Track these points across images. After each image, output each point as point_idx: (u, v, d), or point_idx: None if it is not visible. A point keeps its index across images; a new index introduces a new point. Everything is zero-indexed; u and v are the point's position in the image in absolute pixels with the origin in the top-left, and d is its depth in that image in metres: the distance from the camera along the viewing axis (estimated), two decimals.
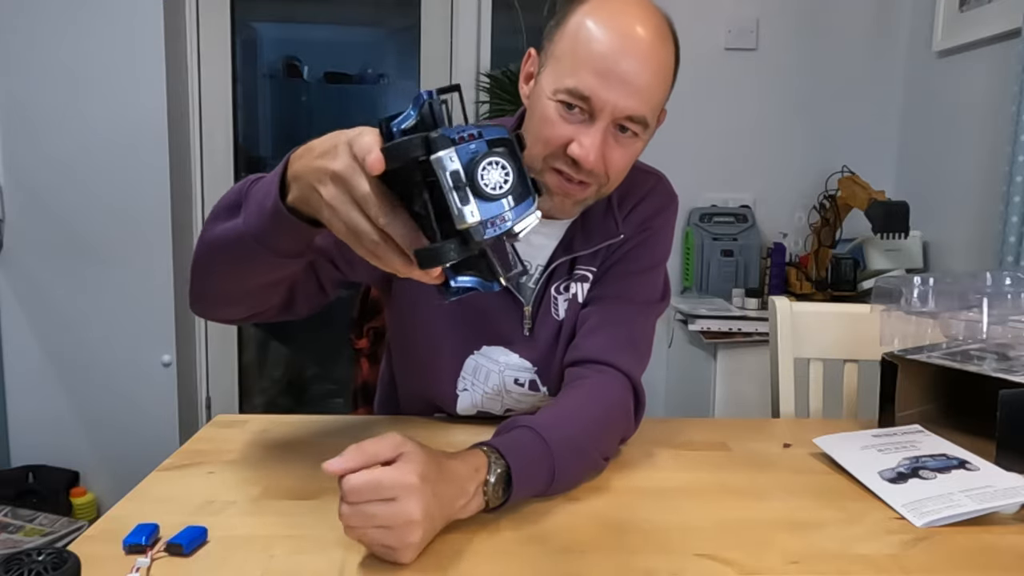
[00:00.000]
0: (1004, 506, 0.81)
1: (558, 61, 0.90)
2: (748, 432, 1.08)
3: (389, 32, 3.19)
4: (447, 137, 0.59)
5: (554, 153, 0.91)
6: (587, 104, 0.88)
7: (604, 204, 1.04)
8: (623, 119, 0.89)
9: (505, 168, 0.60)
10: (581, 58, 0.88)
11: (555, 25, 0.93)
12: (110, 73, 2.35)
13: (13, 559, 0.57)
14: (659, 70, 0.90)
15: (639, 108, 0.88)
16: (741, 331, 2.11)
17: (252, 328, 2.92)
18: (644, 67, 0.88)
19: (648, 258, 1.08)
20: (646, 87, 0.88)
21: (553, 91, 0.89)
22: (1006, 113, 1.86)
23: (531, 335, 1.05)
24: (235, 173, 2.68)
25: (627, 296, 1.05)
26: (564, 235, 1.05)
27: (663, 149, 2.49)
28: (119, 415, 2.48)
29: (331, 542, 0.73)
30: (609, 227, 1.04)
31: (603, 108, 0.87)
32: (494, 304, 1.03)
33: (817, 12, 2.53)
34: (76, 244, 2.41)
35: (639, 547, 0.74)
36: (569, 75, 0.88)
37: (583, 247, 1.03)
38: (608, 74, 0.86)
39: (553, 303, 1.05)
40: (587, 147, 0.88)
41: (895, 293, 1.11)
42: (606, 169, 0.91)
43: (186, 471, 0.90)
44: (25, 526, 2.19)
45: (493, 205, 0.60)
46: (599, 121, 0.88)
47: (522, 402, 1.08)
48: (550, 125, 0.90)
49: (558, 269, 1.05)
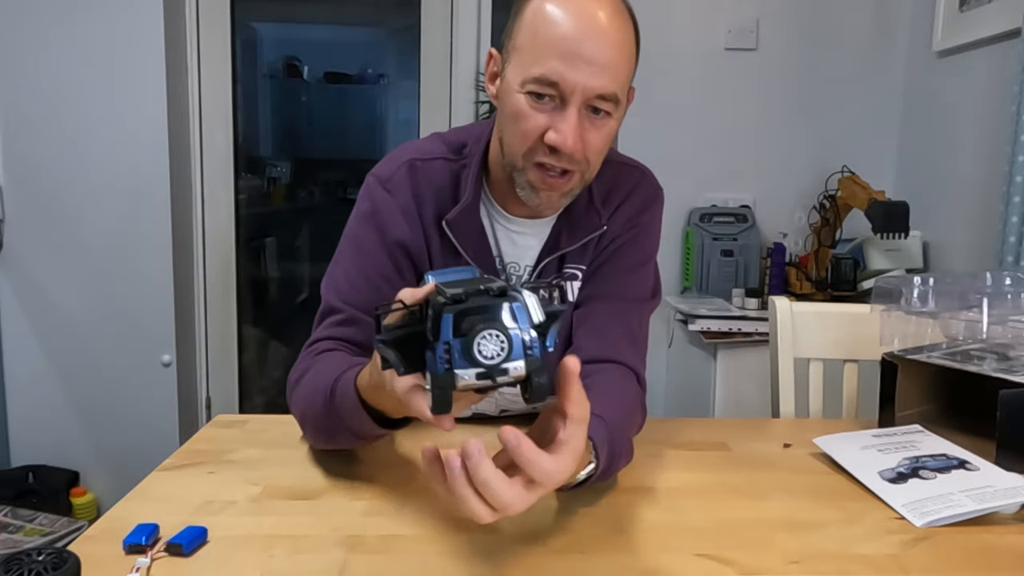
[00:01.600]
0: (1004, 506, 0.81)
1: (520, 53, 0.90)
2: (748, 432, 1.08)
3: (389, 32, 3.19)
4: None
5: (533, 147, 0.91)
6: (556, 90, 0.87)
7: (585, 198, 1.04)
8: (594, 99, 0.88)
9: (501, 338, 0.59)
10: (543, 45, 0.87)
11: (512, 19, 0.93)
12: (110, 73, 2.35)
13: (13, 559, 0.57)
14: (622, 46, 0.89)
15: (608, 86, 0.88)
16: (741, 331, 2.11)
17: (252, 328, 2.93)
18: (607, 45, 0.87)
19: (639, 254, 1.08)
20: (611, 64, 0.88)
21: (521, 83, 0.89)
22: (1006, 113, 1.86)
23: None
24: (235, 173, 2.68)
25: (621, 294, 1.06)
26: (550, 234, 1.05)
27: (663, 149, 2.51)
28: (119, 415, 2.48)
29: (331, 542, 0.73)
30: (592, 220, 1.04)
31: (573, 91, 0.87)
32: None
33: (817, 12, 2.52)
34: (76, 244, 2.41)
35: (639, 547, 0.74)
36: (534, 64, 0.88)
37: (569, 243, 1.04)
38: (572, 56, 0.86)
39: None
40: (564, 132, 0.88)
41: (895, 293, 1.11)
42: (585, 153, 0.91)
43: (186, 471, 0.90)
44: (25, 526, 2.19)
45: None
46: (571, 105, 0.88)
47: (516, 402, 1.09)
48: (524, 118, 0.90)
49: (546, 268, 1.05)
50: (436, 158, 1.03)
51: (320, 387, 0.86)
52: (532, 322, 0.60)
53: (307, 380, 0.92)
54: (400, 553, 0.72)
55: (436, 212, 1.02)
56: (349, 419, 0.82)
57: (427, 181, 1.02)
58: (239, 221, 2.71)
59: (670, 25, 2.48)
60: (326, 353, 0.96)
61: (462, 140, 1.05)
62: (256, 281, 3.04)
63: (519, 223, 1.04)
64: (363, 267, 1.01)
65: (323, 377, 0.87)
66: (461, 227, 1.01)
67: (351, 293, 1.01)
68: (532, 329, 0.60)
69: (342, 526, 0.76)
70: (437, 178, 1.02)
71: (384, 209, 1.01)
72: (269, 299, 3.17)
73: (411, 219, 1.01)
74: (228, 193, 2.67)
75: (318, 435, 0.92)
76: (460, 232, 1.01)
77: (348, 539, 0.74)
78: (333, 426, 0.85)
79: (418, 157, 1.03)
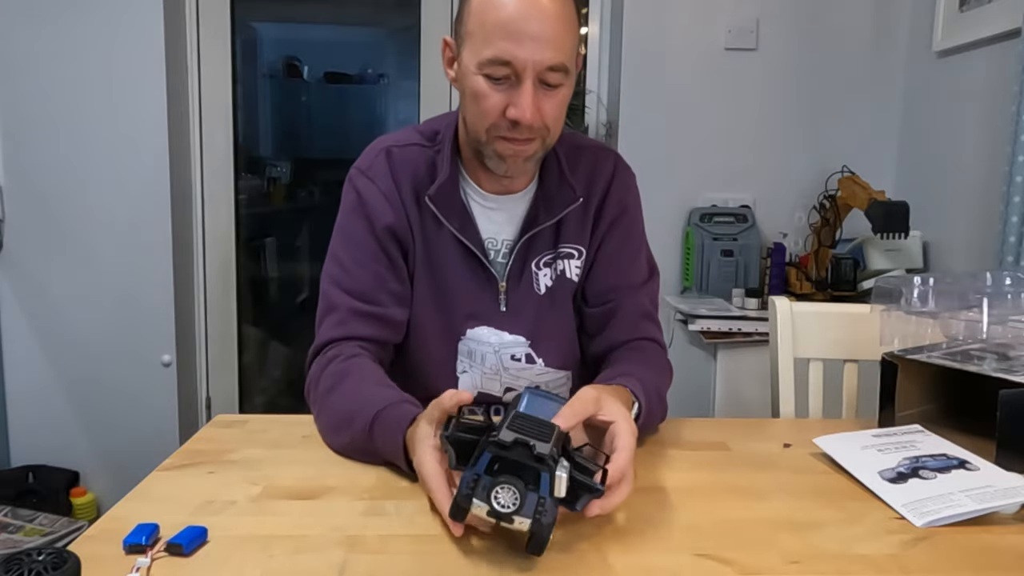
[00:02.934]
0: (1004, 506, 0.81)
1: (472, 38, 0.97)
2: (748, 432, 1.08)
3: (389, 32, 3.19)
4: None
5: (495, 122, 0.98)
6: (510, 68, 0.95)
7: (557, 174, 1.11)
8: (545, 72, 0.96)
9: (515, 495, 0.68)
10: (491, 29, 0.95)
11: (462, 7, 1.01)
12: (110, 73, 2.36)
13: (13, 559, 0.57)
14: (564, 18, 0.96)
15: (556, 57, 0.95)
16: (741, 331, 2.11)
17: (252, 328, 2.93)
18: (549, 19, 0.95)
19: (636, 238, 1.17)
20: (556, 36, 0.95)
21: (476, 66, 0.97)
22: (1006, 113, 1.86)
23: (507, 311, 1.11)
24: (235, 173, 2.68)
25: (629, 283, 1.15)
26: (528, 211, 1.11)
27: (663, 149, 2.51)
28: (119, 415, 2.48)
29: (331, 542, 0.73)
30: (566, 194, 1.11)
31: (525, 67, 0.94)
32: (467, 283, 1.10)
33: (817, 12, 2.52)
34: (76, 244, 2.41)
35: (639, 547, 0.74)
36: (485, 47, 0.95)
37: (547, 218, 1.10)
38: (520, 35, 0.94)
39: (534, 278, 1.12)
40: (522, 106, 0.96)
41: (895, 293, 1.11)
42: (544, 120, 0.98)
43: (186, 471, 0.90)
44: (25, 526, 2.19)
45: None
46: (525, 80, 0.95)
47: (520, 377, 1.13)
48: (484, 98, 0.98)
49: (534, 244, 1.11)
50: (411, 144, 1.11)
51: (358, 413, 0.92)
52: (553, 493, 0.68)
53: (342, 395, 0.97)
54: (400, 553, 0.72)
55: (415, 193, 1.08)
56: (385, 453, 0.89)
57: (404, 165, 1.09)
58: (239, 221, 2.71)
59: (670, 25, 2.48)
60: (355, 360, 1.01)
61: (435, 128, 1.12)
62: (256, 281, 3.04)
63: (492, 199, 1.11)
64: (357, 256, 1.07)
65: (361, 403, 0.93)
66: (443, 203, 1.08)
67: (351, 283, 1.07)
68: (550, 497, 0.68)
69: (342, 526, 0.76)
70: (414, 162, 1.10)
71: (368, 197, 1.08)
72: (269, 299, 3.17)
73: (394, 203, 1.08)
74: (228, 193, 2.67)
75: (345, 449, 0.95)
76: (443, 207, 1.08)
77: (348, 539, 0.74)
78: (367, 449, 0.92)
79: (393, 144, 1.11)
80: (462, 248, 1.09)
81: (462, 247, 1.09)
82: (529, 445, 0.69)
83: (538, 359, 1.14)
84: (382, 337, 1.08)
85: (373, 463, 0.91)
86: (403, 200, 1.08)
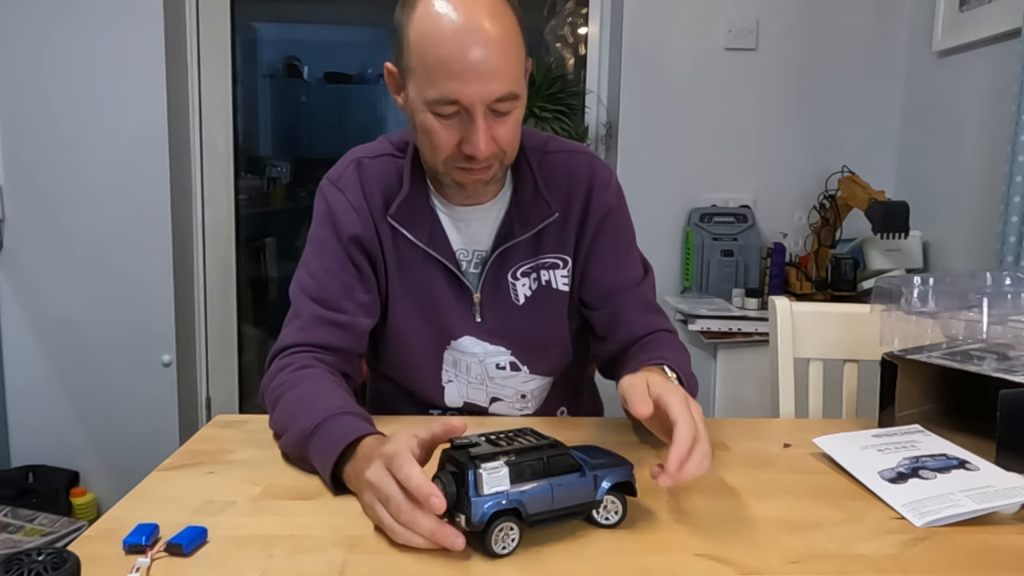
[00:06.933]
0: (1004, 506, 0.81)
1: (415, 74, 0.94)
2: (748, 432, 1.08)
3: (389, 32, 3.19)
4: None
5: (450, 156, 0.97)
6: (458, 105, 0.92)
7: (531, 187, 1.09)
8: (495, 103, 0.93)
9: (441, 483, 0.71)
10: (432, 67, 0.91)
11: (400, 37, 0.96)
12: (110, 73, 2.36)
13: (13, 559, 0.57)
14: (506, 42, 0.92)
15: (504, 87, 0.92)
16: (741, 331, 2.11)
17: (252, 328, 2.93)
18: (492, 48, 0.91)
19: (626, 239, 1.17)
20: (500, 66, 0.91)
21: (424, 103, 0.94)
22: (1006, 113, 1.86)
23: (482, 321, 1.10)
24: (235, 173, 2.68)
25: (627, 282, 1.15)
26: (502, 222, 1.09)
27: (664, 149, 2.51)
28: (119, 415, 2.48)
29: (331, 542, 0.73)
30: (541, 208, 1.09)
31: (472, 103, 0.92)
32: (444, 294, 1.09)
33: (817, 12, 2.52)
34: (76, 244, 2.41)
35: (639, 547, 0.74)
36: (429, 86, 0.92)
37: (522, 232, 1.09)
38: (463, 73, 0.90)
39: (511, 289, 1.11)
40: (476, 142, 0.93)
41: (895, 293, 1.11)
42: (499, 146, 0.97)
43: (186, 471, 0.90)
44: (25, 526, 2.19)
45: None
46: (476, 115, 0.92)
47: (505, 386, 1.13)
48: (436, 134, 0.95)
49: (510, 255, 1.09)
50: (382, 155, 1.10)
51: (299, 424, 0.90)
52: (477, 492, 0.70)
53: (287, 404, 0.96)
54: (400, 553, 0.72)
55: (385, 205, 1.07)
56: (316, 465, 0.87)
57: (374, 177, 1.08)
58: (239, 221, 2.71)
59: (670, 25, 2.48)
60: (305, 371, 1.00)
61: (404, 139, 1.11)
62: (256, 281, 3.04)
63: (461, 211, 1.10)
64: (325, 264, 1.07)
65: (304, 414, 0.90)
66: (408, 218, 1.06)
67: (317, 290, 1.06)
68: (479, 497, 0.70)
69: (342, 526, 0.76)
70: (384, 173, 1.09)
71: (337, 207, 1.07)
72: (269, 299, 3.17)
73: (362, 213, 1.07)
74: (228, 193, 2.67)
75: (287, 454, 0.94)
76: (408, 223, 1.06)
77: (348, 539, 0.74)
78: (301, 457, 0.90)
79: (365, 155, 1.10)
80: (432, 260, 1.08)
81: (432, 259, 1.08)
82: (472, 445, 0.73)
83: (523, 367, 1.14)
84: (344, 345, 1.06)
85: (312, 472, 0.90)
86: (372, 211, 1.07)
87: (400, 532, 0.71)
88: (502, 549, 0.70)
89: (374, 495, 0.74)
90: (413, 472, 0.71)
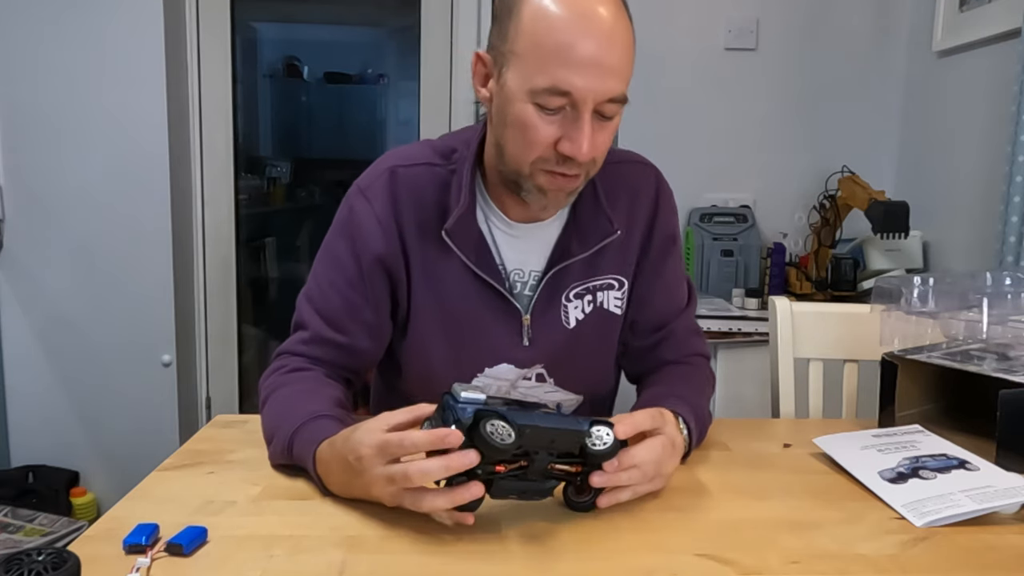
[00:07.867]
0: (1004, 506, 0.81)
1: (523, 60, 0.85)
2: (748, 432, 1.08)
3: (389, 32, 3.19)
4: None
5: (543, 156, 0.89)
6: (568, 99, 0.84)
7: (591, 201, 1.02)
8: (604, 103, 0.86)
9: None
10: (548, 52, 0.83)
11: (506, 20, 0.88)
12: (110, 73, 2.35)
13: (13, 559, 0.57)
14: (626, 42, 0.86)
15: (618, 87, 0.85)
16: (741, 331, 2.11)
17: (252, 328, 2.93)
18: (613, 45, 0.84)
19: (678, 264, 1.13)
20: (620, 64, 0.85)
21: (526, 93, 0.86)
22: (1006, 113, 1.86)
23: (529, 345, 1.03)
24: (235, 173, 2.68)
25: (677, 305, 1.12)
26: (558, 239, 1.03)
27: (663, 149, 2.49)
28: (119, 415, 2.48)
29: (331, 542, 0.73)
30: (603, 225, 1.02)
31: (585, 98, 0.84)
32: (484, 317, 1.02)
33: (817, 12, 2.52)
34: (76, 244, 2.41)
35: (639, 547, 0.74)
36: (540, 73, 0.84)
37: (581, 250, 1.02)
38: (582, 63, 0.83)
39: (562, 311, 1.04)
40: (579, 142, 0.85)
41: (895, 293, 1.11)
42: (594, 155, 0.89)
43: (186, 471, 0.90)
44: (25, 526, 2.19)
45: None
46: (584, 112, 0.85)
47: (528, 396, 1.07)
48: (532, 129, 0.87)
49: (564, 276, 1.03)
50: (419, 164, 1.01)
51: (284, 425, 0.89)
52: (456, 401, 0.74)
53: (276, 402, 0.95)
54: (400, 553, 0.72)
55: (417, 220, 0.99)
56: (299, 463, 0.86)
57: (409, 187, 1.00)
58: (239, 221, 2.71)
59: (670, 25, 2.48)
60: (297, 373, 0.99)
61: (451, 145, 1.02)
62: (256, 281, 3.04)
63: (519, 228, 1.02)
64: (334, 278, 1.01)
65: (289, 415, 0.90)
66: (460, 234, 0.99)
67: (322, 304, 1.01)
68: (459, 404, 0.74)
69: (342, 526, 0.76)
70: (421, 185, 1.00)
71: (361, 218, 1.00)
72: (269, 299, 3.17)
73: (388, 230, 0.99)
74: (228, 193, 2.67)
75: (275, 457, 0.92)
76: (459, 240, 0.99)
77: (348, 539, 0.74)
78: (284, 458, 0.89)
79: (400, 164, 1.01)
80: (478, 280, 1.00)
81: (478, 279, 1.00)
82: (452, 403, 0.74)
83: (549, 379, 1.07)
84: (342, 363, 1.02)
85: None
86: (401, 226, 0.99)
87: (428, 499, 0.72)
88: (501, 441, 0.70)
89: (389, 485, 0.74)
90: (411, 434, 0.73)
